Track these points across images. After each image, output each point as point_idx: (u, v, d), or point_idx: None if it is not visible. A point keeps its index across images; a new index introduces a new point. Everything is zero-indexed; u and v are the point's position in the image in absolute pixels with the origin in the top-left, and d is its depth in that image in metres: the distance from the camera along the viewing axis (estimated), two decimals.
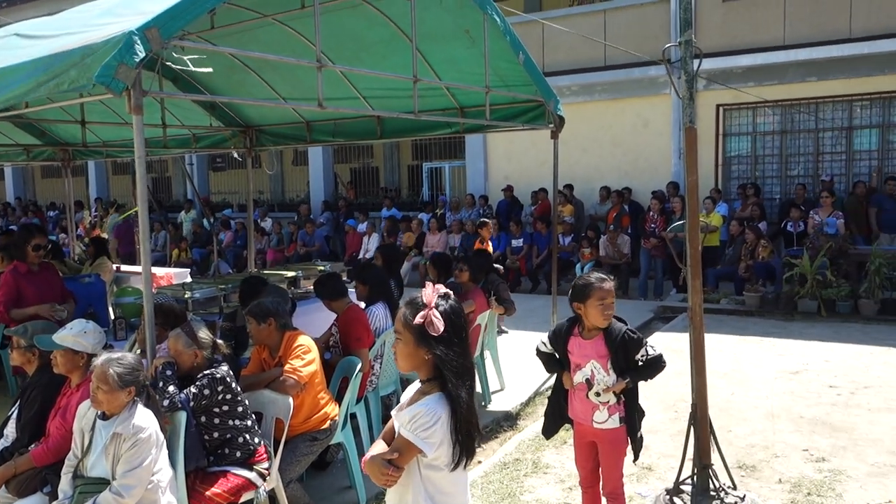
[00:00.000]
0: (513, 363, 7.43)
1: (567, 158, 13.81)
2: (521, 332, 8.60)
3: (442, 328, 2.13)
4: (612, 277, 3.46)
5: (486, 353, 6.64)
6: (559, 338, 3.58)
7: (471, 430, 2.17)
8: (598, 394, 3.44)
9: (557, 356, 3.60)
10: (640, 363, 3.42)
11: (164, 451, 3.30)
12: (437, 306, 2.18)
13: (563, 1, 17.37)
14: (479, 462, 5.09)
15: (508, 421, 5.97)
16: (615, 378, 3.38)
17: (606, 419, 3.44)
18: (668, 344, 7.99)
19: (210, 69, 3.96)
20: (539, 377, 7.02)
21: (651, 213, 11.99)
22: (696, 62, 3.98)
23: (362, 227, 14.48)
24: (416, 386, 2.35)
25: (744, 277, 10.59)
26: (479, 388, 6.35)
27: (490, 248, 9.20)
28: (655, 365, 3.43)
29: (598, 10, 14.18)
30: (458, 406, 2.14)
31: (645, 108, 13.36)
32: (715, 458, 4.17)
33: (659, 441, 5.15)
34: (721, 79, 12.59)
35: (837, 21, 11.89)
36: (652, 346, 3.44)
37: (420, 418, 2.14)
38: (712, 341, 8.12)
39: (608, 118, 13.98)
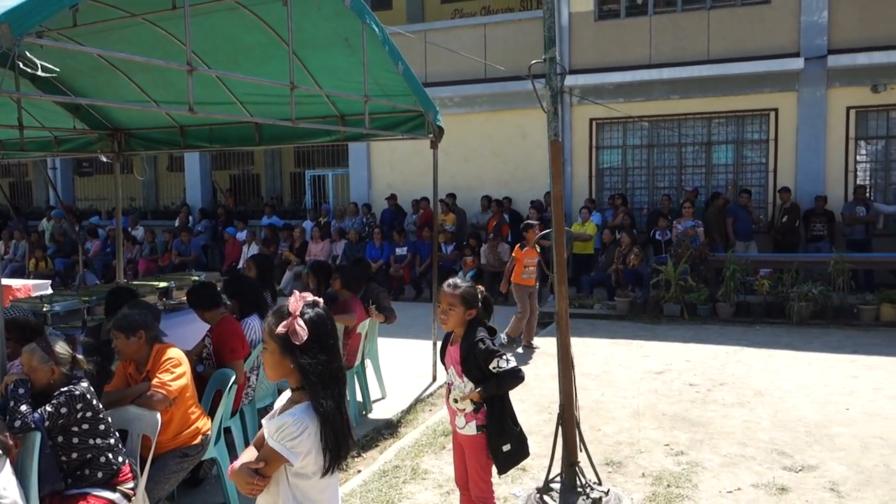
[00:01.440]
0: (395, 371, 7.47)
1: (450, 168, 14.06)
2: (405, 340, 8.64)
3: (305, 336, 2.13)
4: (469, 285, 3.45)
5: (368, 362, 6.64)
6: (444, 342, 3.66)
7: (340, 437, 2.18)
8: (455, 400, 3.49)
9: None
10: (495, 374, 3.37)
11: (7, 471, 3.10)
12: (302, 315, 2.18)
13: (445, 12, 17.70)
14: (359, 471, 5.08)
15: (389, 429, 5.98)
16: (471, 386, 3.41)
17: (464, 426, 3.48)
18: (546, 348, 8.29)
19: (56, 71, 3.75)
20: (421, 385, 7.10)
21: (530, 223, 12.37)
22: (567, 77, 4.13)
23: (242, 235, 14.11)
24: (289, 394, 2.34)
25: (615, 283, 11.15)
26: (360, 397, 6.33)
27: (536, 252, 8.51)
28: (509, 377, 3.37)
29: (478, 24, 14.53)
30: (325, 415, 2.14)
31: (523, 120, 13.79)
32: (585, 456, 4.37)
33: (533, 442, 5.29)
34: (594, 94, 13.22)
35: (697, 44, 12.77)
36: (507, 359, 3.37)
37: (287, 428, 2.13)
38: (585, 345, 8.50)
39: (489, 129, 14.34)
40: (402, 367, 7.68)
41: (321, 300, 2.28)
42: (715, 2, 12.79)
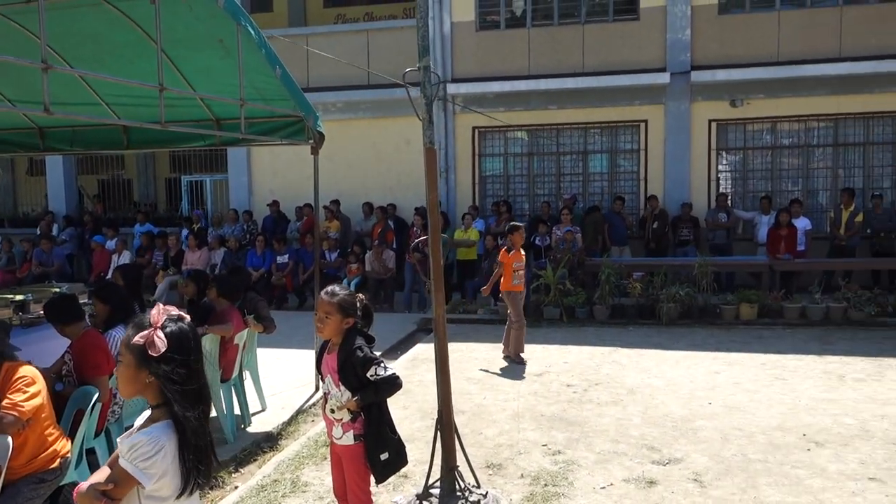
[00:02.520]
0: (277, 382, 7.28)
1: (334, 174, 13.92)
2: (287, 350, 8.45)
3: (164, 349, 2.03)
4: (347, 293, 3.41)
5: (246, 374, 6.44)
6: (320, 351, 3.59)
7: (201, 458, 2.08)
8: (332, 410, 3.44)
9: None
10: (373, 382, 3.35)
11: None
12: (164, 327, 2.07)
13: (328, 17, 17.51)
14: (236, 487, 4.90)
15: (269, 442, 5.82)
16: (348, 395, 3.37)
17: (342, 436, 3.43)
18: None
19: None
20: (303, 395, 6.95)
21: (415, 229, 12.42)
22: (450, 86, 4.17)
23: (111, 244, 13.34)
24: (149, 412, 2.21)
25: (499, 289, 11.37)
26: (238, 410, 6.12)
27: (523, 255, 8.11)
28: (387, 385, 3.36)
29: (361, 30, 14.48)
30: (186, 433, 2.04)
31: (407, 126, 13.82)
32: (465, 460, 4.42)
33: (416, 449, 5.32)
34: (476, 103, 13.46)
35: (573, 57, 13.29)
36: (385, 366, 3.37)
37: (140, 448, 2.02)
38: (469, 349, 8.62)
39: (373, 135, 14.30)
40: (284, 378, 7.50)
41: (187, 316, 2.18)
42: (589, 17, 13.35)
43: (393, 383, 3.38)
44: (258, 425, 6.16)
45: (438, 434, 4.07)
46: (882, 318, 9.58)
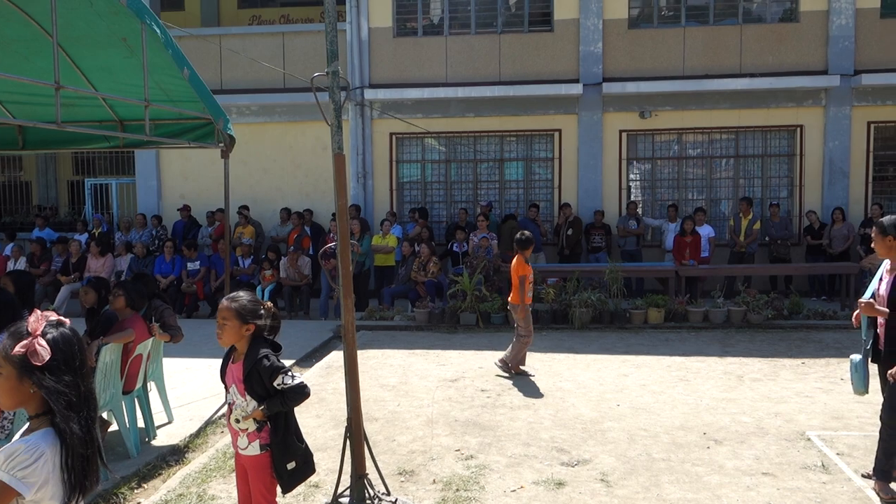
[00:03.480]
0: (185, 393, 7.05)
1: (248, 179, 13.62)
2: (197, 359, 8.19)
3: (47, 357, 1.93)
4: (249, 299, 3.34)
5: (151, 385, 6.20)
6: (224, 360, 3.49)
7: (87, 466, 1.99)
8: (237, 420, 3.35)
9: None
10: (280, 391, 3.29)
11: None
12: (44, 334, 1.97)
13: (242, 18, 17.16)
14: (139, 503, 4.71)
15: (175, 455, 5.61)
16: (254, 405, 3.30)
17: (247, 445, 3.35)
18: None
19: None
20: (212, 406, 6.75)
21: (331, 235, 12.30)
22: (367, 91, 4.14)
23: (7, 249, 12.61)
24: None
25: (417, 293, 11.39)
26: (142, 423, 5.88)
27: (530, 270, 7.89)
28: (294, 393, 3.29)
29: (276, 32, 14.25)
30: (68, 440, 1.94)
31: (324, 131, 13.67)
32: (375, 467, 4.39)
33: (328, 457, 5.25)
34: (393, 109, 13.47)
35: (489, 65, 13.48)
36: (293, 374, 3.32)
37: (18, 455, 1.91)
38: (385, 356, 8.58)
39: (289, 139, 14.08)
40: (194, 388, 7.26)
41: (67, 320, 2.08)
42: (505, 27, 13.58)
43: (301, 392, 3.32)
44: (164, 438, 5.94)
45: (348, 442, 4.02)
46: (778, 320, 10.11)
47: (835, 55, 12.80)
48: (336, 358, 8.61)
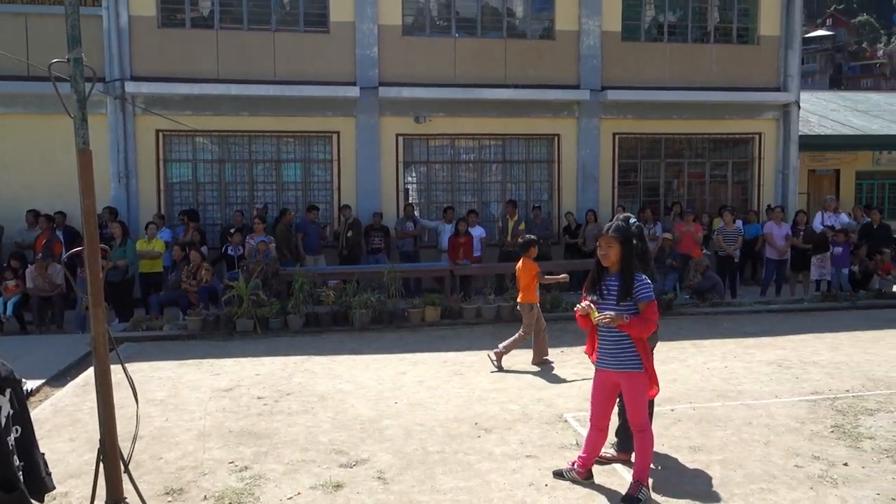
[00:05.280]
0: None
1: None
2: None
3: None
4: None
5: None
6: None
7: None
8: None
9: None
10: None
11: None
12: None
13: None
14: None
15: None
16: None
17: None
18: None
19: None
20: None
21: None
22: (129, 84, 3.78)
23: None
24: None
25: (188, 300, 10.74)
26: None
27: (537, 269, 8.24)
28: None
29: (19, 13, 12.68)
30: None
31: None
32: (134, 489, 4.05)
33: (83, 484, 4.75)
34: (160, 105, 12.62)
35: (264, 63, 13.12)
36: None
37: None
38: (152, 369, 8.01)
39: (38, 134, 12.61)
40: None
41: None
42: (280, 25, 13.29)
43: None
44: None
45: (100, 465, 3.67)
46: (544, 312, 10.91)
47: (585, 72, 14.15)
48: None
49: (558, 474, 4.80)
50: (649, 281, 4.37)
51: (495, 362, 7.97)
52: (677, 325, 10.14)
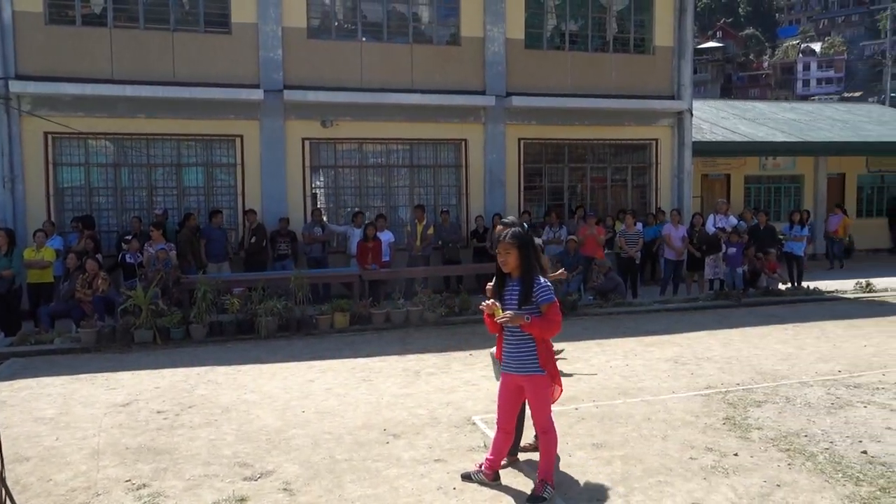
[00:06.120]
0: None
1: None
2: None
3: None
4: None
5: None
6: None
7: None
8: None
9: None
10: None
11: None
12: None
13: None
14: None
15: None
16: None
17: None
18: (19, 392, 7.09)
19: None
20: None
21: None
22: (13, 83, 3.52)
23: None
24: None
25: (82, 311, 10.21)
26: None
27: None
28: None
29: None
30: None
31: None
32: None
33: None
34: (48, 106, 11.99)
35: (163, 64, 12.64)
36: None
37: None
38: (39, 385, 7.62)
39: None
40: None
41: None
42: (179, 25, 12.85)
43: None
44: None
45: None
46: (451, 317, 11.01)
47: (491, 78, 14.38)
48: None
49: (466, 477, 4.84)
50: (549, 284, 4.47)
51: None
52: (581, 326, 10.44)
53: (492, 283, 4.63)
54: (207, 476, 5.03)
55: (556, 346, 8.66)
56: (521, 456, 5.23)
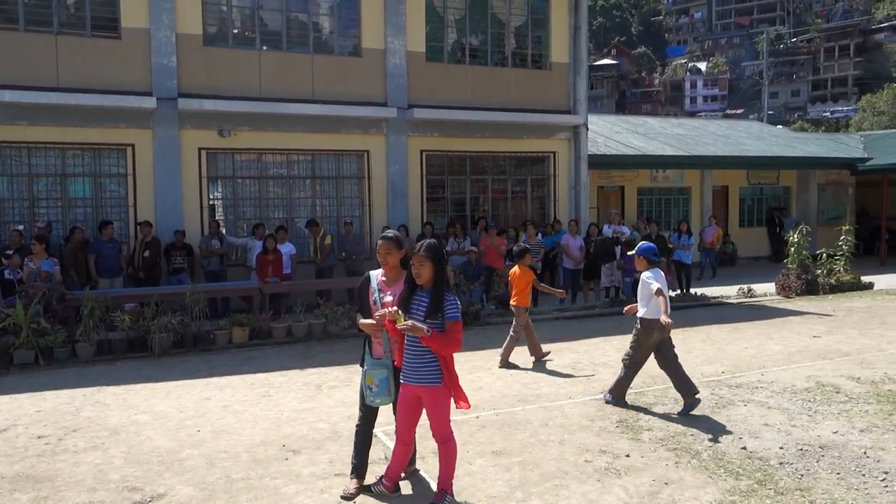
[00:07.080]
0: None
1: None
2: None
3: None
4: None
5: None
6: None
7: None
8: None
9: None
10: None
11: None
12: None
13: None
14: None
15: None
16: None
17: None
18: None
19: None
20: None
21: None
22: None
23: None
24: None
25: None
26: None
27: (532, 275, 9.15)
28: None
29: None
30: None
31: None
32: None
33: None
34: None
35: (46, 69, 11.99)
36: None
37: None
38: None
39: None
40: None
41: None
42: (63, 28, 12.23)
43: None
44: None
45: None
46: (355, 330, 10.91)
47: (392, 90, 14.42)
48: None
49: (366, 489, 4.81)
50: (458, 302, 4.49)
51: (511, 365, 8.62)
52: (484, 335, 10.58)
53: (401, 294, 4.53)
54: (93, 503, 4.77)
55: (544, 348, 9.14)
56: (421, 465, 5.25)
